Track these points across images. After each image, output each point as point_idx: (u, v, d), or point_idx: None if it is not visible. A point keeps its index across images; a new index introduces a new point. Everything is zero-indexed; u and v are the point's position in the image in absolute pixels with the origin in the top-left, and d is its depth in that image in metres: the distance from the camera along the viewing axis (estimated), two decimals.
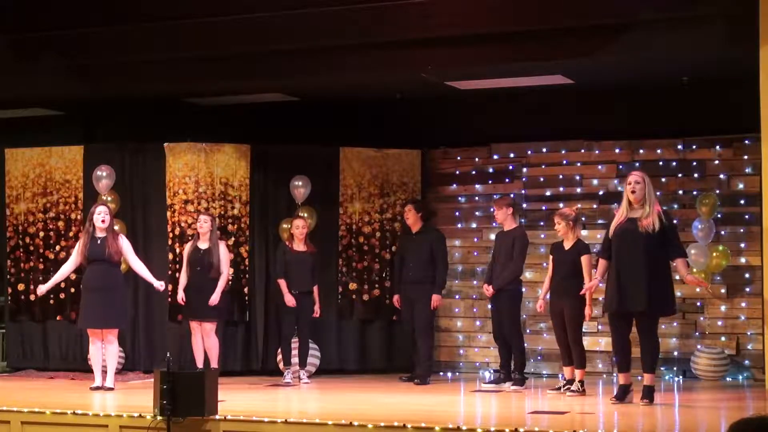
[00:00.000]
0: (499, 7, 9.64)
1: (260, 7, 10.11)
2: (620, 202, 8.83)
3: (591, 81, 10.72)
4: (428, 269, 10.55)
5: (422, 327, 10.55)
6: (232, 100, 11.83)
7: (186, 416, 7.59)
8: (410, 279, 10.60)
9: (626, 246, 8.48)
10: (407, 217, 10.70)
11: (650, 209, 8.48)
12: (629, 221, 8.51)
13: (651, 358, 8.58)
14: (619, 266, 8.50)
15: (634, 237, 8.44)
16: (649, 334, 8.55)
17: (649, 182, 8.64)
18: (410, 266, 10.61)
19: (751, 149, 10.66)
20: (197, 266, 10.54)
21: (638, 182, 8.54)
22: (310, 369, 10.90)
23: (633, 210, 8.56)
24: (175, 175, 11.40)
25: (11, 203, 11.88)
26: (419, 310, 10.53)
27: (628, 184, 8.58)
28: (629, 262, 8.46)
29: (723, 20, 9.09)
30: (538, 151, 11.62)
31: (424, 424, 7.27)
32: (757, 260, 10.43)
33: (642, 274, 8.40)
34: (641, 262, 8.42)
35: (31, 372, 11.55)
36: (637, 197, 8.52)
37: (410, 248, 10.66)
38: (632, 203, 8.55)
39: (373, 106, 11.80)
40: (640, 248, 8.43)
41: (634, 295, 8.43)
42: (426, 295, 10.49)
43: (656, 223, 8.43)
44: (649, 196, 8.52)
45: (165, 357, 7.88)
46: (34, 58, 10.87)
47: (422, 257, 10.56)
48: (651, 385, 8.58)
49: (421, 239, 10.64)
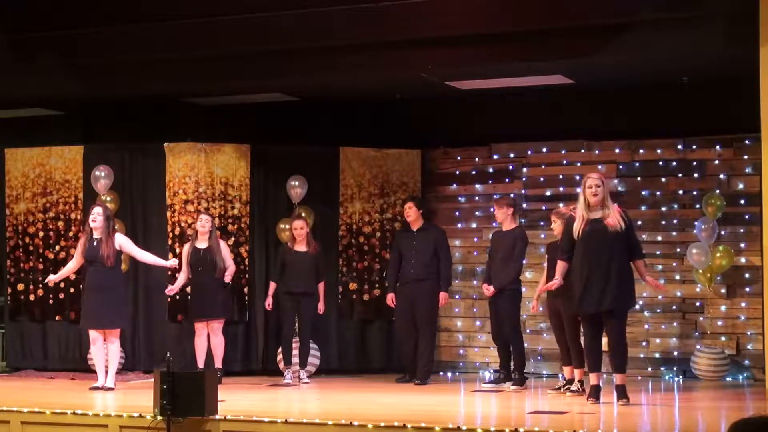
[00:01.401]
0: (499, 7, 9.63)
1: (260, 7, 10.11)
2: (619, 203, 8.80)
3: (591, 81, 10.72)
4: (431, 267, 10.53)
5: (426, 326, 10.53)
6: (232, 100, 11.82)
7: (186, 416, 7.59)
8: (412, 277, 10.56)
9: (596, 247, 8.44)
10: (408, 215, 10.67)
11: (610, 210, 8.49)
12: (593, 222, 8.48)
13: (621, 359, 8.56)
14: (589, 267, 8.45)
15: (604, 238, 8.43)
16: (619, 335, 8.52)
17: (607, 183, 8.70)
18: (412, 263, 10.56)
19: (751, 149, 10.66)
20: (199, 266, 10.55)
21: (599, 185, 8.52)
22: (310, 369, 10.90)
23: (593, 211, 8.54)
24: (175, 175, 11.40)
25: (11, 203, 11.88)
26: (423, 308, 10.50)
27: (588, 187, 8.51)
28: (600, 262, 8.43)
29: (723, 20, 9.09)
30: (538, 151, 11.62)
31: (424, 424, 7.26)
32: (758, 260, 10.43)
33: (612, 274, 8.41)
34: (611, 262, 8.42)
35: (31, 372, 11.55)
36: (597, 200, 8.51)
37: (411, 246, 10.62)
38: (591, 205, 8.54)
39: (373, 106, 11.80)
40: (610, 249, 8.43)
41: (604, 295, 8.41)
42: (430, 293, 10.47)
43: (621, 223, 8.46)
44: (607, 198, 8.55)
45: (165, 357, 7.88)
46: (34, 58, 10.86)
47: (425, 255, 10.55)
48: (623, 384, 8.56)
49: (424, 236, 10.61)
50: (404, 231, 10.87)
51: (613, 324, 8.51)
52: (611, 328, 8.53)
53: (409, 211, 10.66)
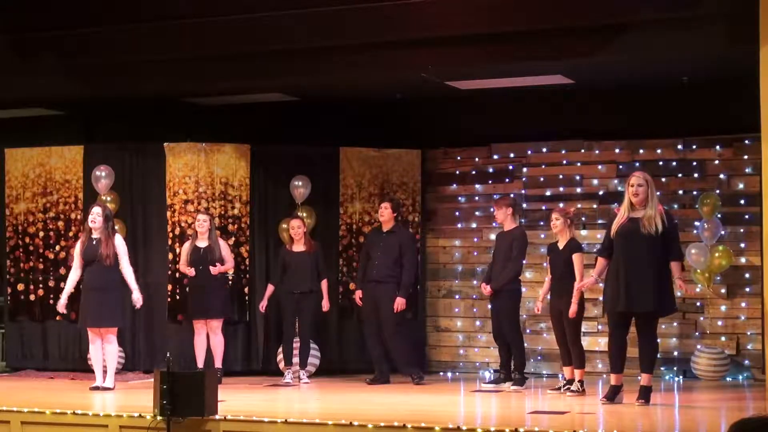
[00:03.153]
0: (499, 7, 9.63)
1: (260, 7, 10.11)
2: (620, 202, 8.82)
3: (591, 81, 10.72)
4: (393, 270, 10.48)
5: (390, 329, 10.45)
6: (232, 100, 11.82)
7: (186, 416, 7.59)
8: (374, 278, 10.51)
9: (630, 246, 8.43)
10: (382, 215, 10.60)
11: (654, 211, 8.45)
12: (631, 221, 8.47)
13: (650, 359, 8.57)
14: (623, 266, 8.45)
15: (638, 237, 8.40)
16: (650, 335, 8.53)
17: (651, 183, 8.61)
18: (376, 264, 10.50)
19: (751, 149, 10.66)
20: (199, 265, 10.56)
21: (641, 185, 8.49)
22: (310, 369, 10.90)
23: (635, 210, 8.53)
24: (175, 175, 11.40)
25: (11, 203, 11.88)
26: (385, 310, 10.45)
27: (630, 186, 8.52)
28: (634, 262, 8.41)
29: (723, 20, 9.08)
30: (538, 151, 11.62)
31: (424, 424, 7.27)
32: (757, 260, 10.43)
33: (647, 274, 8.37)
34: (646, 262, 8.39)
35: (31, 372, 11.55)
36: (640, 200, 8.49)
37: (378, 247, 10.56)
38: (634, 205, 8.53)
39: (373, 106, 11.79)
40: (644, 248, 8.40)
41: (639, 296, 8.39)
42: (389, 296, 10.43)
43: (659, 224, 8.40)
44: (651, 198, 8.50)
45: (165, 357, 7.88)
46: (34, 58, 10.86)
47: (389, 257, 10.50)
48: (648, 386, 8.57)
49: (391, 239, 10.54)
50: (376, 231, 10.82)
51: (644, 326, 8.51)
52: (642, 329, 8.53)
53: (384, 212, 10.59)
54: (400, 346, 10.52)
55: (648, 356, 8.55)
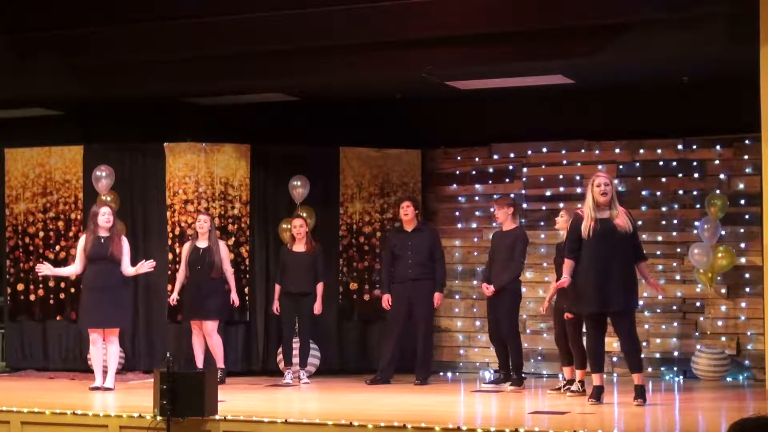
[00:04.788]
0: (499, 7, 9.63)
1: (260, 7, 10.11)
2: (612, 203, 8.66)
3: (591, 81, 10.72)
4: (427, 267, 10.52)
5: (426, 326, 10.55)
6: (232, 100, 11.82)
7: (186, 416, 7.59)
8: (409, 277, 10.55)
9: (605, 247, 8.42)
10: (406, 213, 10.61)
11: (617, 210, 8.48)
12: (602, 222, 8.47)
13: (635, 358, 8.56)
14: (595, 266, 8.43)
15: (614, 237, 8.42)
16: (629, 334, 8.51)
17: (613, 183, 8.67)
18: (409, 263, 10.56)
19: (751, 149, 10.66)
20: (197, 265, 10.55)
21: (608, 184, 8.51)
22: (310, 369, 10.90)
23: (600, 210, 8.52)
24: (175, 175, 11.40)
25: (11, 203, 11.88)
26: (422, 308, 10.49)
27: (597, 186, 8.49)
28: (607, 261, 8.42)
29: (723, 20, 9.08)
30: (538, 151, 11.62)
31: (424, 424, 7.26)
32: (758, 260, 10.43)
33: (620, 274, 8.41)
34: (618, 262, 8.42)
35: (31, 372, 11.55)
36: (607, 199, 8.49)
37: (407, 246, 10.60)
38: (600, 204, 8.52)
39: (373, 106, 11.80)
40: (619, 248, 8.43)
41: (613, 296, 8.40)
42: (427, 293, 10.47)
43: (629, 224, 8.46)
44: (614, 197, 8.54)
45: (165, 357, 7.88)
46: (34, 58, 10.86)
47: (422, 255, 10.53)
48: (642, 384, 8.56)
49: (420, 236, 10.59)
50: (398, 231, 10.83)
51: (622, 324, 8.51)
52: (621, 328, 8.53)
53: (408, 210, 10.61)
54: (428, 347, 10.56)
55: (632, 355, 8.55)
